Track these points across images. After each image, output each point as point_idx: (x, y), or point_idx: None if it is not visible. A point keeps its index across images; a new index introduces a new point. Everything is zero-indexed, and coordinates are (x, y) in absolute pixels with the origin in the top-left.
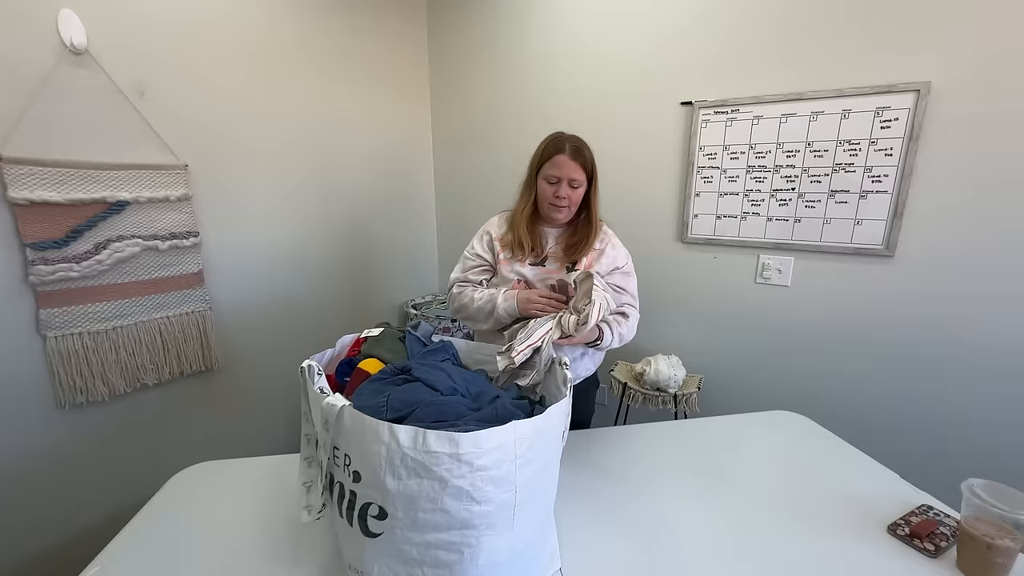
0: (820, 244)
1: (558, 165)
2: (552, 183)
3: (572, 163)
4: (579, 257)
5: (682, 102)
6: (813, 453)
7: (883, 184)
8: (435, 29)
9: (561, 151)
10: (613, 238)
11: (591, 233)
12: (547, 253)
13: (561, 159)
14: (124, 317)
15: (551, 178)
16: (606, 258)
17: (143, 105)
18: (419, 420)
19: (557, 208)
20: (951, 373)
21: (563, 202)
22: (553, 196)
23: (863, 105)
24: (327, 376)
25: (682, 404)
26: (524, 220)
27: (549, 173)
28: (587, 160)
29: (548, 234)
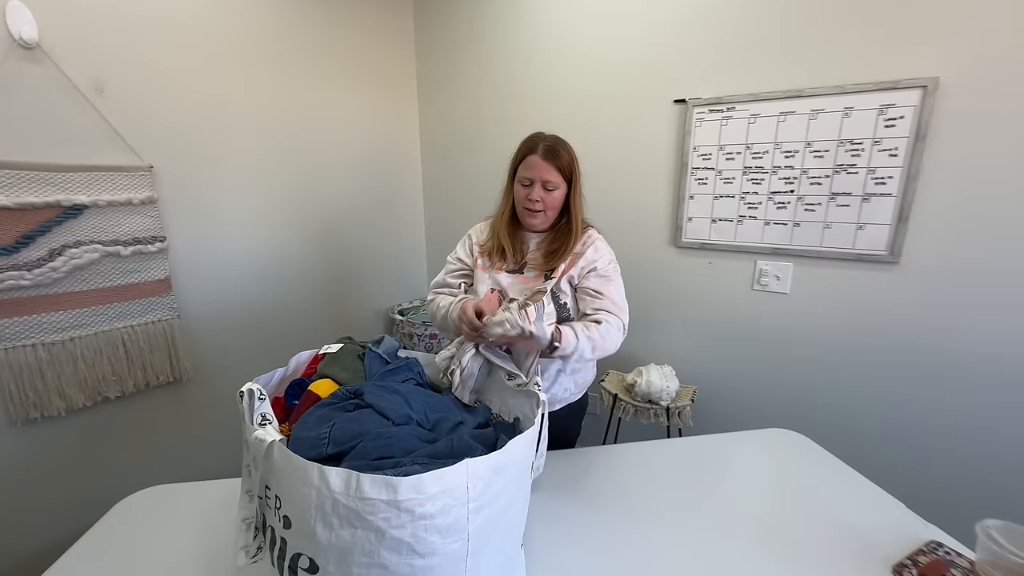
0: (820, 249)
1: (530, 166)
2: (525, 185)
3: (545, 164)
4: (558, 264)
5: (675, 100)
6: (811, 477)
7: (887, 186)
8: (422, 21)
9: (533, 151)
10: (598, 241)
11: (571, 238)
12: (526, 259)
13: (533, 160)
14: (83, 327)
15: (524, 180)
16: (583, 260)
17: (103, 103)
18: (362, 456)
19: (532, 212)
20: (958, 385)
21: (537, 205)
22: (526, 199)
23: (866, 102)
24: (275, 399)
25: (675, 417)
26: (504, 225)
27: (522, 175)
28: (563, 161)
29: (529, 240)
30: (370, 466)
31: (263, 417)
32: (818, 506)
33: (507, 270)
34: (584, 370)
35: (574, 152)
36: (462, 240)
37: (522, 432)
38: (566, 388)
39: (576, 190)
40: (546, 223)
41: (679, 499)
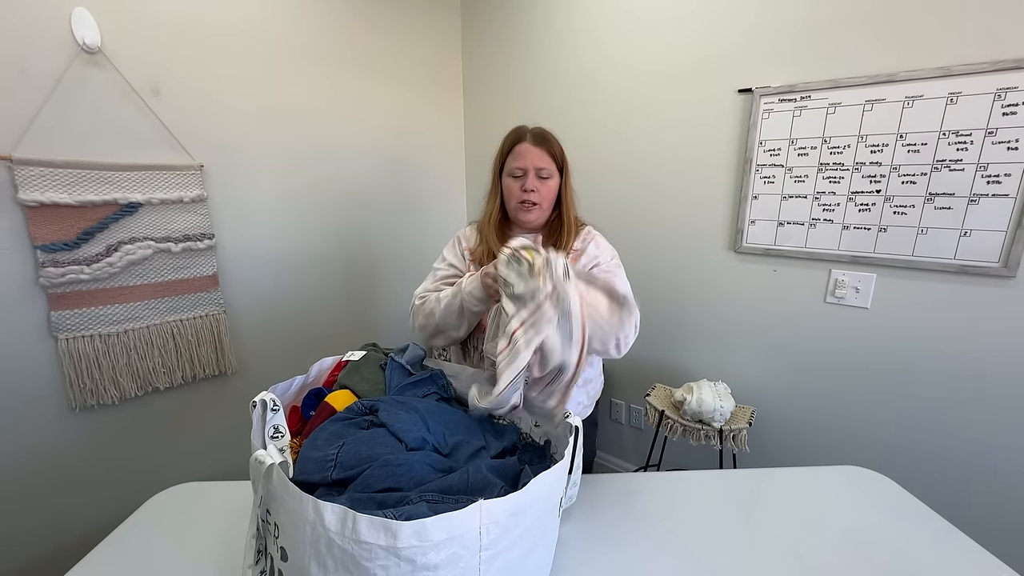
0: (912, 259)
1: (520, 155)
2: (517, 177)
3: (536, 150)
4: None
5: (739, 89)
6: (899, 531)
7: (1003, 186)
8: (469, 16)
9: (522, 139)
10: (597, 236)
11: (565, 234)
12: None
13: (523, 148)
14: (136, 320)
15: (515, 171)
16: (585, 256)
17: (157, 105)
18: (366, 486)
19: (526, 207)
20: None
21: (533, 196)
22: (520, 191)
23: (978, 86)
24: (291, 408)
25: (728, 441)
26: (493, 227)
27: (513, 166)
28: (555, 147)
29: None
30: (373, 500)
31: (275, 429)
32: (906, 567)
33: None
34: (595, 380)
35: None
36: (450, 243)
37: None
38: (579, 402)
39: (567, 182)
40: (542, 217)
41: (738, 545)
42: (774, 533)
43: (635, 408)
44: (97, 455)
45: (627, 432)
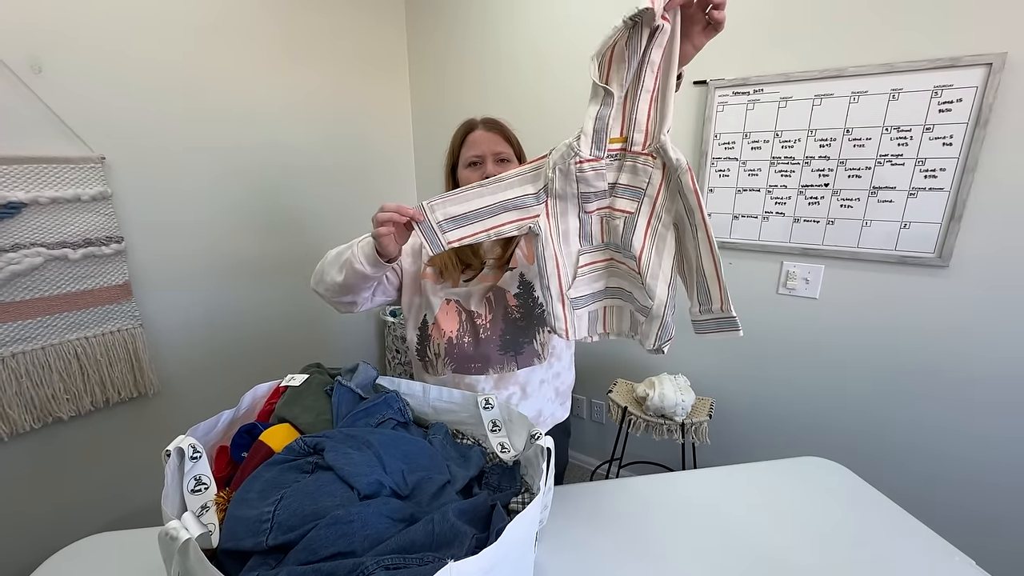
0: (857, 250)
1: (476, 143)
2: (475, 164)
3: (490, 135)
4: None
5: (695, 81)
6: (857, 522)
7: (939, 180)
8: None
9: (473, 128)
10: None
11: None
12: (485, 260)
13: (477, 136)
14: (26, 341)
15: (472, 159)
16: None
17: (40, 85)
18: (312, 552)
19: None
20: (1015, 409)
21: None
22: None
23: (918, 83)
24: (220, 449)
25: (690, 434)
26: None
27: (468, 155)
28: (508, 132)
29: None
30: (319, 572)
31: (197, 481)
32: (868, 559)
33: (465, 280)
34: (564, 373)
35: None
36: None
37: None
38: (549, 399)
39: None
40: None
41: (705, 547)
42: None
43: (596, 403)
44: None
45: (588, 427)
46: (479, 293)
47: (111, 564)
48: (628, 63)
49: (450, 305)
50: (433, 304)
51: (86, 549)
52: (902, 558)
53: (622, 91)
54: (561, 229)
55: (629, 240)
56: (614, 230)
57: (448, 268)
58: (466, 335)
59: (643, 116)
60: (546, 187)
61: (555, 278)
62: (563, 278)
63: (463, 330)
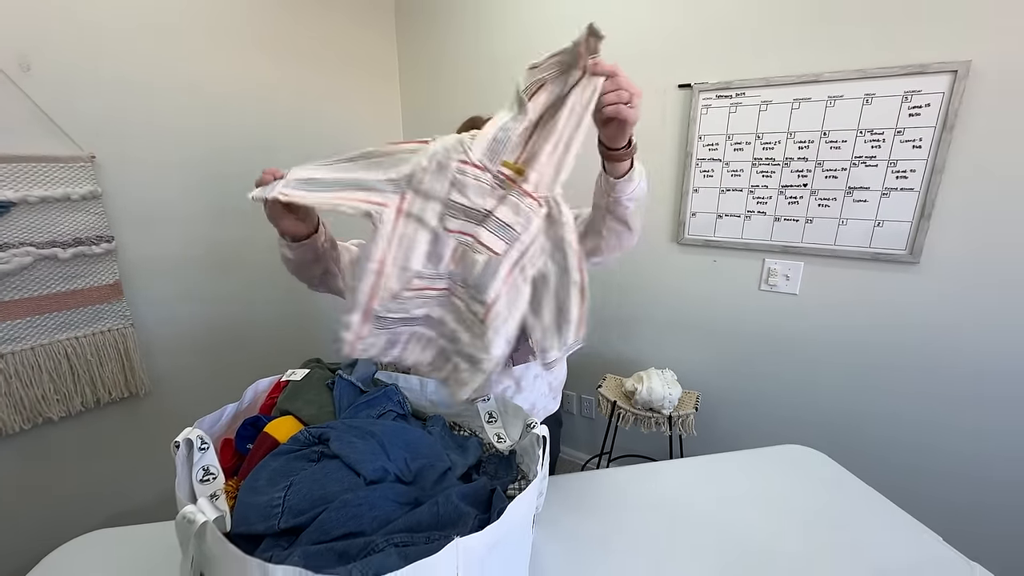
0: (834, 248)
1: None
2: None
3: None
4: None
5: (680, 84)
6: (836, 505)
7: (909, 180)
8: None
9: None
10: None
11: None
12: None
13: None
14: (15, 341)
15: None
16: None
17: (28, 83)
18: (323, 532)
19: None
20: (984, 399)
21: None
22: None
23: (890, 88)
24: (226, 440)
25: (677, 426)
26: None
27: None
28: None
29: None
30: (332, 551)
31: (205, 471)
32: (848, 541)
33: None
34: (558, 369)
35: None
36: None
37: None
38: (543, 393)
39: None
40: None
41: (692, 533)
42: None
43: (585, 398)
44: None
45: (579, 422)
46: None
47: (109, 560)
48: (552, 94)
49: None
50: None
51: (84, 545)
52: (874, 536)
53: (536, 116)
54: (407, 233)
55: (485, 283)
56: (469, 264)
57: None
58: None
59: (544, 156)
60: (411, 177)
61: (369, 283)
62: (380, 288)
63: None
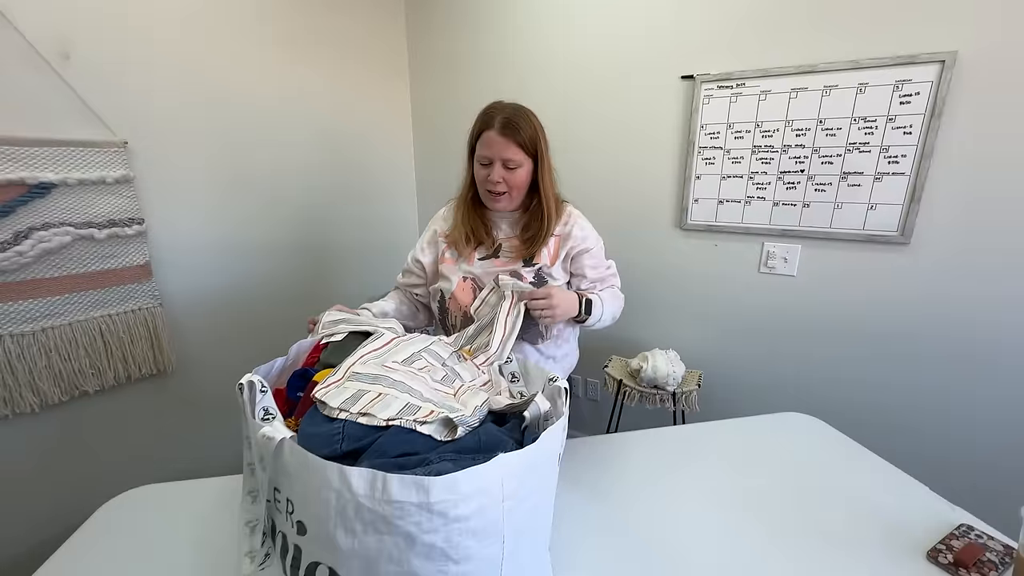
0: (830, 231)
1: (487, 144)
2: (484, 165)
3: (503, 140)
4: (538, 248)
5: (682, 76)
6: (832, 462)
7: (900, 165)
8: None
9: (489, 127)
10: (580, 219)
11: (544, 220)
12: (500, 242)
13: (490, 137)
14: (56, 316)
15: (482, 159)
16: (572, 240)
17: (68, 72)
18: (381, 453)
19: (494, 196)
20: (972, 372)
21: (499, 187)
22: (487, 180)
23: (882, 78)
24: (276, 391)
25: (681, 402)
26: (467, 208)
27: (480, 154)
28: (524, 135)
29: (499, 220)
30: (393, 464)
31: (266, 412)
32: (843, 493)
33: (479, 257)
34: (571, 354)
35: (538, 122)
36: (425, 232)
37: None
38: (565, 353)
39: (544, 165)
40: (512, 204)
41: (698, 489)
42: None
43: (591, 381)
44: (18, 471)
45: (584, 404)
46: (495, 275)
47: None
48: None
49: (466, 283)
50: (452, 280)
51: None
52: (865, 487)
53: (484, 323)
54: (395, 345)
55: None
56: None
57: (460, 244)
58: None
59: (494, 345)
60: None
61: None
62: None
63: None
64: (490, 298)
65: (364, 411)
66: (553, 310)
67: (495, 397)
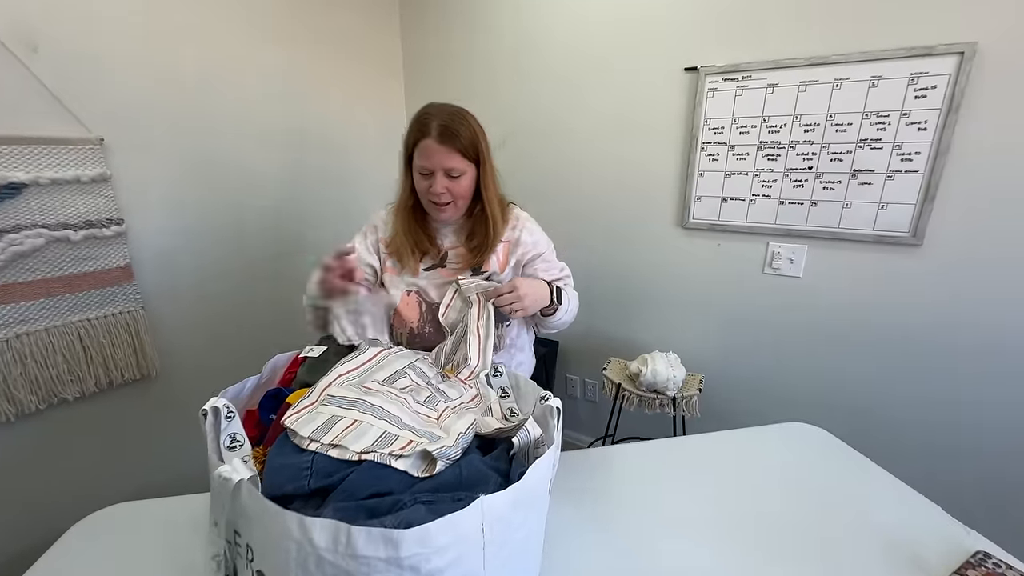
0: (838, 231)
1: (426, 154)
2: (424, 175)
3: (442, 148)
4: (486, 257)
5: (686, 68)
6: (839, 478)
7: (914, 163)
8: None
9: (426, 135)
10: (528, 223)
11: (491, 227)
12: (445, 250)
13: (427, 146)
14: (30, 322)
15: (422, 169)
16: (522, 247)
17: (38, 64)
18: (350, 494)
19: (439, 207)
20: (985, 378)
21: (443, 198)
22: (429, 192)
23: (896, 70)
24: (248, 412)
25: (682, 407)
26: (407, 219)
27: (419, 164)
28: (464, 141)
29: (443, 228)
30: (362, 508)
31: (232, 439)
32: (851, 512)
33: (425, 267)
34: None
35: (477, 124)
36: (361, 233)
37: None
38: (520, 362)
39: (486, 169)
40: (459, 213)
41: (697, 506)
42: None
43: (589, 383)
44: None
45: (582, 406)
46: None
47: (131, 530)
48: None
49: (411, 296)
50: (393, 295)
51: (106, 517)
52: (874, 506)
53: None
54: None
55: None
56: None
57: (404, 255)
58: (427, 325)
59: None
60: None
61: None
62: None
63: (424, 320)
64: (455, 302)
65: (336, 442)
66: (522, 301)
67: (483, 419)
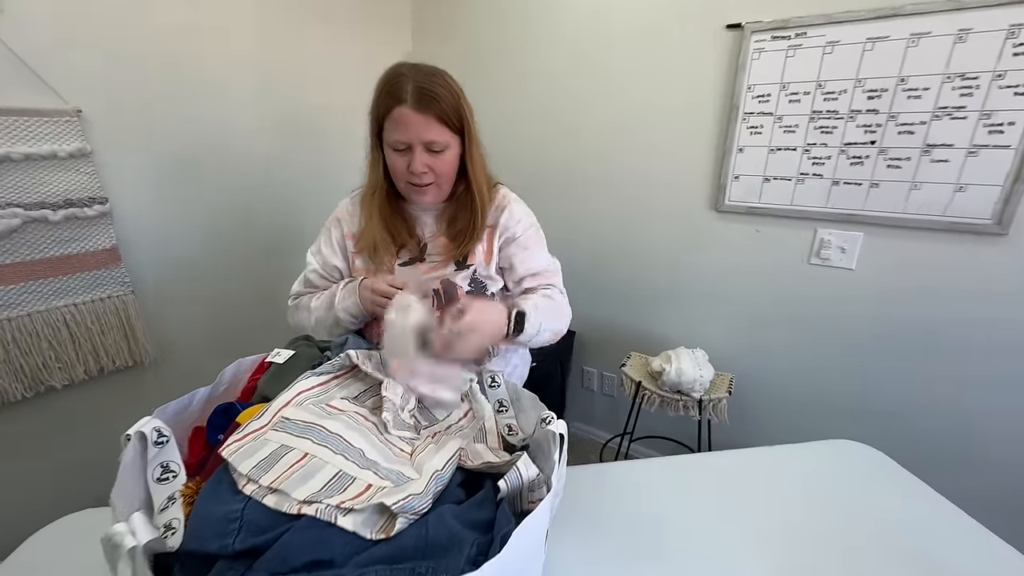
0: (901, 216)
1: (401, 125)
2: (400, 151)
3: (421, 117)
4: (471, 246)
5: (728, 25)
6: (894, 509)
7: (1005, 136)
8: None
9: (400, 102)
10: (514, 203)
11: (477, 209)
12: (425, 241)
13: (403, 114)
14: (11, 307)
15: (397, 144)
16: (500, 228)
17: (2, 25)
18: (285, 559)
19: (419, 189)
20: None
21: (425, 178)
22: (408, 172)
23: (990, 21)
24: (195, 430)
25: (708, 411)
26: (379, 208)
27: (393, 139)
28: (446, 105)
29: (422, 216)
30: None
31: (164, 469)
32: (910, 550)
33: (401, 262)
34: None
35: (458, 86)
36: (325, 229)
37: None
38: (515, 365)
39: (471, 140)
40: (443, 195)
41: (732, 534)
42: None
43: (607, 376)
44: None
45: (599, 400)
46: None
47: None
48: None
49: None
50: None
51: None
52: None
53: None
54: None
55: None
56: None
57: (379, 250)
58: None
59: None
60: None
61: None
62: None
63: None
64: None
65: (276, 485)
66: (467, 338)
67: (472, 447)
